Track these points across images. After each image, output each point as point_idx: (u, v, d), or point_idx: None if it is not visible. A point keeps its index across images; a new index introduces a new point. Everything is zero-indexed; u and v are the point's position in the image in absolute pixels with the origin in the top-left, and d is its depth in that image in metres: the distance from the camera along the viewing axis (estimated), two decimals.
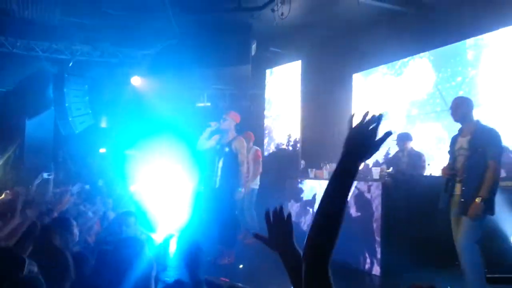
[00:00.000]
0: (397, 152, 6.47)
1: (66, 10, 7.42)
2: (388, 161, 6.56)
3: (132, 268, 2.96)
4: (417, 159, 6.17)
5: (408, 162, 6.19)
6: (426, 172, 5.98)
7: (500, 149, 4.04)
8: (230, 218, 5.85)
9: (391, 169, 5.69)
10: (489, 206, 3.95)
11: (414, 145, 6.44)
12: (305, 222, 6.44)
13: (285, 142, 9.34)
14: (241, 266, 5.54)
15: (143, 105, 9.47)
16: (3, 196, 4.58)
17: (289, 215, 1.69)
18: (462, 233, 4.04)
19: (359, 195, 5.58)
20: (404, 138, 6.38)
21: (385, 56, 7.53)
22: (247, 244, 6.70)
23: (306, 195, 6.58)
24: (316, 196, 6.31)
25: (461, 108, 4.24)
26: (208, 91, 9.78)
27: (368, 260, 5.27)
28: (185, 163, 8.05)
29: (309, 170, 6.72)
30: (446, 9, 6.42)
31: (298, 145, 8.98)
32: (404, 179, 5.41)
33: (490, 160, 3.95)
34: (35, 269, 2.49)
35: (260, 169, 7.51)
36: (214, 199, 6.11)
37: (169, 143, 8.15)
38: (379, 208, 5.17)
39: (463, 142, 4.20)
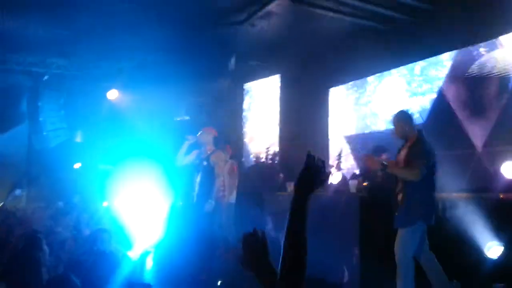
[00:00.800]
0: None
1: (41, 23, 7.31)
2: (365, 174, 6.60)
3: (109, 283, 2.89)
4: None
5: (383, 175, 6.23)
6: None
7: (425, 161, 3.98)
8: (208, 234, 5.78)
9: (366, 182, 5.72)
10: (423, 215, 4.01)
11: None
12: (283, 236, 6.40)
13: (263, 155, 9.33)
14: (219, 282, 5.46)
15: (120, 119, 9.37)
16: None
17: (263, 235, 1.71)
18: (397, 245, 4.05)
19: (336, 209, 5.61)
20: (379, 150, 6.41)
21: (360, 71, 7.64)
22: (225, 259, 6.61)
23: (284, 209, 6.56)
24: None
25: (397, 127, 4.26)
26: (186, 105, 9.74)
27: (346, 274, 5.25)
28: (162, 178, 7.96)
29: (287, 184, 6.72)
30: (421, 25, 6.58)
31: (277, 158, 8.99)
32: (381, 193, 5.44)
33: (412, 165, 3.99)
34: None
35: (236, 183, 7.45)
36: (191, 215, 6.05)
37: (146, 157, 8.05)
38: (357, 222, 5.18)
39: (402, 155, 4.21)
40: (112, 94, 9.48)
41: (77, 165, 9.99)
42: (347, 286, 5.16)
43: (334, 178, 6.89)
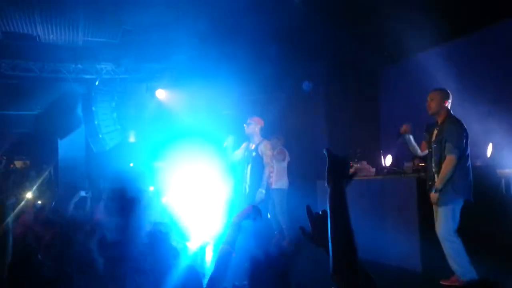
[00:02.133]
0: None
1: (88, 31, 7.60)
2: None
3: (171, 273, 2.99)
4: None
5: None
6: None
7: (459, 143, 4.07)
8: (262, 223, 5.84)
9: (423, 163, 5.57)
10: (460, 193, 4.07)
11: None
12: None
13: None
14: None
15: (169, 116, 9.60)
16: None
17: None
18: (438, 224, 4.14)
19: (393, 191, 5.50)
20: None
21: None
22: (282, 246, 6.68)
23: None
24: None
25: (435, 100, 4.26)
26: (233, 98, 9.80)
27: (407, 257, 5.15)
28: (216, 171, 8.09)
29: None
30: None
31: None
32: None
33: (447, 155, 4.06)
34: None
35: (286, 170, 7.44)
36: (245, 206, 6.11)
37: (198, 152, 8.20)
38: (415, 202, 5.05)
39: (434, 134, 4.29)
40: (160, 93, 9.73)
41: (131, 164, 10.34)
42: (408, 268, 5.07)
43: (387, 161, 6.75)
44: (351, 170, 1.56)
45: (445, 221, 4.08)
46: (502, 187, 4.94)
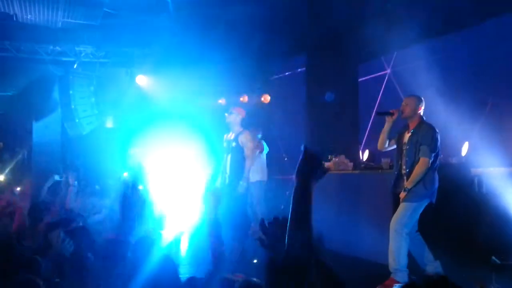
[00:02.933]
0: None
1: (68, 12, 7.41)
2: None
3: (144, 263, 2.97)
4: None
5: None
6: None
7: (434, 147, 4.22)
8: (240, 214, 5.85)
9: None
10: (427, 195, 4.22)
11: None
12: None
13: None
14: (255, 261, 5.54)
15: (149, 103, 9.48)
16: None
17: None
18: (394, 216, 4.28)
19: (369, 186, 5.58)
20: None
21: None
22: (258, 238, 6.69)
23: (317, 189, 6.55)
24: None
25: (409, 106, 4.40)
26: (216, 87, 9.74)
27: (381, 251, 5.21)
28: (194, 160, 8.05)
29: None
30: None
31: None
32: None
33: (422, 157, 4.19)
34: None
35: (265, 162, 7.46)
36: (225, 196, 6.11)
37: (176, 140, 8.14)
38: (390, 199, 5.12)
39: (406, 137, 4.40)
40: (141, 79, 9.59)
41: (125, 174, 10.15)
42: (382, 263, 5.15)
43: (364, 156, 6.83)
44: (325, 166, 1.61)
45: (402, 215, 4.23)
46: (475, 185, 5.06)
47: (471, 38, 6.61)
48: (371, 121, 7.98)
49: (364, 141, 8.23)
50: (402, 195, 4.25)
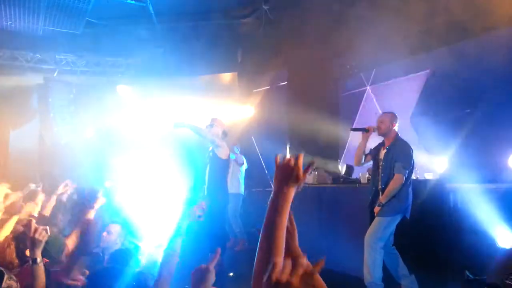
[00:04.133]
0: None
1: (50, 20, 7.35)
2: None
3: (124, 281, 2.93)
4: None
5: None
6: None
7: (407, 164, 4.34)
8: (219, 226, 5.83)
9: None
10: (400, 210, 4.31)
11: None
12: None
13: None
14: (231, 274, 5.52)
15: (129, 113, 9.42)
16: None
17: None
18: (369, 230, 4.38)
19: (348, 200, 5.63)
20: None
21: None
22: (236, 251, 6.69)
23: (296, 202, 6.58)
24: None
25: (384, 123, 4.46)
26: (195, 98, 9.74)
27: (360, 266, 5.25)
28: (174, 171, 8.00)
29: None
30: None
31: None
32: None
33: (396, 173, 4.30)
34: (14, 284, 2.46)
35: (243, 175, 7.48)
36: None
37: (156, 150, 8.10)
38: (367, 213, 5.18)
39: (382, 154, 4.53)
40: (122, 89, 9.53)
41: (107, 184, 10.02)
42: (361, 277, 5.18)
43: (342, 170, 6.91)
44: (302, 177, 1.56)
45: (376, 229, 4.31)
46: (450, 201, 5.16)
47: (452, 55, 6.73)
48: (350, 136, 8.09)
49: (344, 156, 8.33)
50: (377, 209, 4.32)
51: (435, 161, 5.99)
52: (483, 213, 4.72)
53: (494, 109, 5.70)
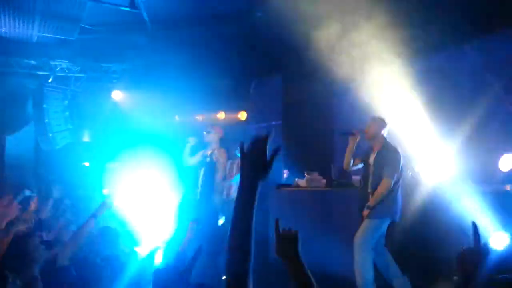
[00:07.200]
0: None
1: (44, 26, 7.38)
2: None
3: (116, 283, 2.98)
4: None
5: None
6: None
7: (395, 168, 4.40)
8: (212, 229, 5.89)
9: None
10: (389, 214, 4.40)
11: None
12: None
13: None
14: (224, 277, 5.55)
15: (125, 118, 9.46)
16: None
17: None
18: (358, 232, 4.46)
19: (341, 203, 5.69)
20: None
21: None
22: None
23: (289, 204, 6.63)
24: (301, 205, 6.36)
25: (372, 128, 4.48)
26: (192, 104, 9.77)
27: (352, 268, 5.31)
28: (168, 175, 8.04)
29: (294, 179, 6.79)
30: None
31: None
32: None
33: (384, 178, 4.36)
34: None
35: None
36: (196, 211, 6.16)
37: (152, 156, 8.14)
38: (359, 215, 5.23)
39: (371, 158, 4.59)
40: (116, 95, 9.57)
41: (86, 164, 10.10)
42: (353, 278, 5.23)
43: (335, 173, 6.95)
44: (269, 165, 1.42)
45: (366, 231, 4.37)
46: (442, 201, 5.21)
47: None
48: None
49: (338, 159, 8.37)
50: (365, 212, 4.38)
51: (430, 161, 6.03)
52: (476, 214, 4.78)
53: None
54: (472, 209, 4.70)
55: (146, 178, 7.82)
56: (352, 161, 4.76)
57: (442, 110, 6.52)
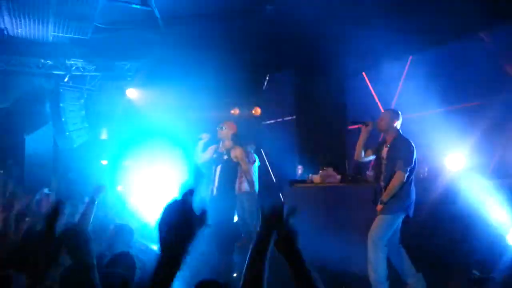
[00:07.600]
0: None
1: (59, 26, 7.46)
2: None
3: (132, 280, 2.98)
4: None
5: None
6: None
7: (408, 161, 4.27)
8: (227, 227, 5.89)
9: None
10: (403, 208, 4.26)
11: None
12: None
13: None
14: (235, 274, 5.55)
15: (140, 116, 9.53)
16: None
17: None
18: (372, 227, 4.35)
19: (356, 199, 5.61)
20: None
21: None
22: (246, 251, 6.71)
23: (303, 200, 6.59)
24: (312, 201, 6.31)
25: (384, 120, 4.39)
26: (205, 100, 9.78)
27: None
28: (183, 172, 8.08)
29: (307, 176, 6.73)
30: None
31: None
32: None
33: (397, 171, 4.24)
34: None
35: (256, 176, 7.50)
36: (211, 208, 6.14)
37: (166, 153, 8.19)
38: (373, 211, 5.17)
39: (384, 151, 4.46)
40: (131, 92, 9.65)
41: (104, 162, 10.23)
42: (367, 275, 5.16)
43: (352, 168, 6.88)
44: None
45: (380, 227, 4.28)
46: (459, 197, 5.12)
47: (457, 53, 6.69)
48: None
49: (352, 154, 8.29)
50: (379, 207, 4.30)
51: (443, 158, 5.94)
52: (493, 210, 4.68)
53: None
54: (489, 203, 4.61)
55: (161, 175, 7.88)
56: (363, 152, 4.68)
57: (459, 102, 6.41)
